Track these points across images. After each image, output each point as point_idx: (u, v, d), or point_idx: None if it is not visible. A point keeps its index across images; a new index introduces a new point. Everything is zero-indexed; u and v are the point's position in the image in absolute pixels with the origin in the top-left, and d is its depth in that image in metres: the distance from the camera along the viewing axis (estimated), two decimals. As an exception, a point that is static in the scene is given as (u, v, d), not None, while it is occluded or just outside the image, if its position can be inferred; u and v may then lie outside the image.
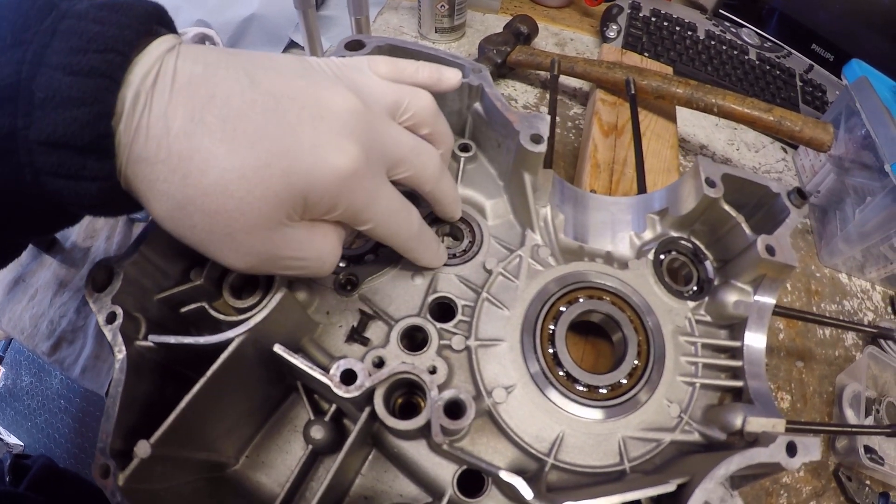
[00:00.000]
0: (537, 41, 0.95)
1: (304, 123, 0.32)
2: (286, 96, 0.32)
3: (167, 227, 0.32)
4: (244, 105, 0.31)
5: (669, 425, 0.47)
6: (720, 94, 0.73)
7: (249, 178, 0.30)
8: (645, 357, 0.49)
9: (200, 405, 0.36)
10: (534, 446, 0.44)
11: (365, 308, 0.48)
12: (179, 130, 0.29)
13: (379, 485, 0.45)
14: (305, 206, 0.33)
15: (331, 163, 0.32)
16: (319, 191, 0.33)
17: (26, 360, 1.58)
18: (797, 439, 0.41)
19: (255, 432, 0.46)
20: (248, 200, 0.30)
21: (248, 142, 0.30)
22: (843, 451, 0.71)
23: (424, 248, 0.46)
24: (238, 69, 0.32)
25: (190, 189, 0.29)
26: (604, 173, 0.68)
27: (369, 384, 0.38)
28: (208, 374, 0.36)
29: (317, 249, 0.36)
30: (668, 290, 0.53)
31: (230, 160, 0.30)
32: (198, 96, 0.30)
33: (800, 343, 0.76)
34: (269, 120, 0.31)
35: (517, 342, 0.48)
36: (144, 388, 0.38)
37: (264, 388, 0.45)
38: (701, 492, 0.38)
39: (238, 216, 0.30)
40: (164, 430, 0.34)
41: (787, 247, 0.50)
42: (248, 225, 0.31)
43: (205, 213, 0.30)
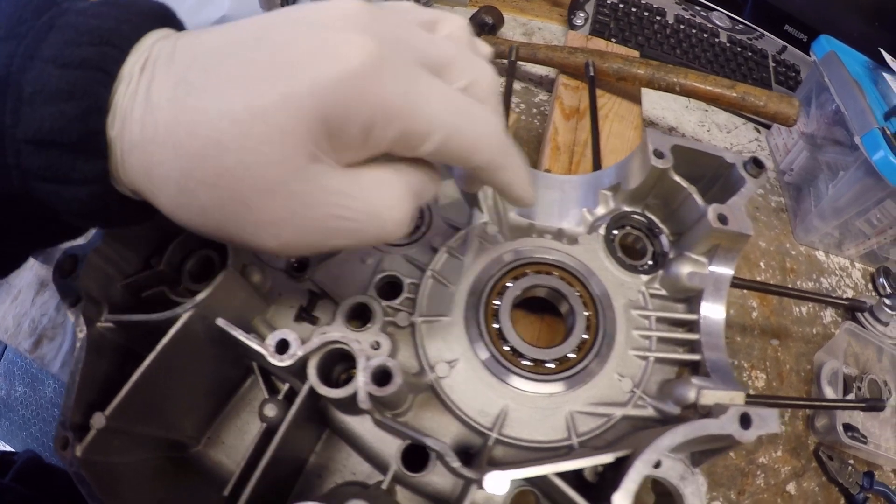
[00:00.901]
0: (505, 31, 0.95)
1: (299, 37, 0.25)
2: (275, 22, 0.26)
3: (180, 220, 0.27)
4: (227, 47, 0.25)
5: (621, 400, 0.46)
6: (682, 72, 0.73)
7: (242, 120, 0.24)
8: (594, 331, 0.48)
9: (153, 380, 0.37)
10: (477, 420, 0.43)
11: (314, 288, 0.49)
12: (163, 101, 0.25)
13: (333, 463, 0.46)
14: (329, 134, 0.25)
15: (337, 57, 0.24)
16: (334, 103, 0.24)
17: (20, 371, 1.58)
18: (753, 410, 0.40)
19: (215, 414, 0.47)
20: (248, 147, 0.24)
21: (234, 80, 0.24)
22: (823, 430, 0.70)
23: (519, 164, 0.33)
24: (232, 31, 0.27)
25: (183, 160, 0.24)
26: (563, 155, 0.68)
27: (302, 353, 0.38)
28: (157, 347, 0.37)
29: (366, 201, 0.27)
30: (620, 265, 0.52)
31: (217, 107, 0.24)
32: (181, 64, 0.25)
33: (775, 321, 0.74)
34: (257, 50, 0.25)
35: (461, 317, 0.47)
36: (105, 367, 0.39)
37: (221, 369, 0.46)
38: (642, 464, 0.37)
39: (243, 171, 0.24)
40: (117, 403, 0.35)
41: (740, 215, 0.49)
42: (259, 181, 0.25)
43: (207, 184, 0.25)
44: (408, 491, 0.43)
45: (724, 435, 0.39)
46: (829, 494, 0.68)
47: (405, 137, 0.27)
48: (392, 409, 0.43)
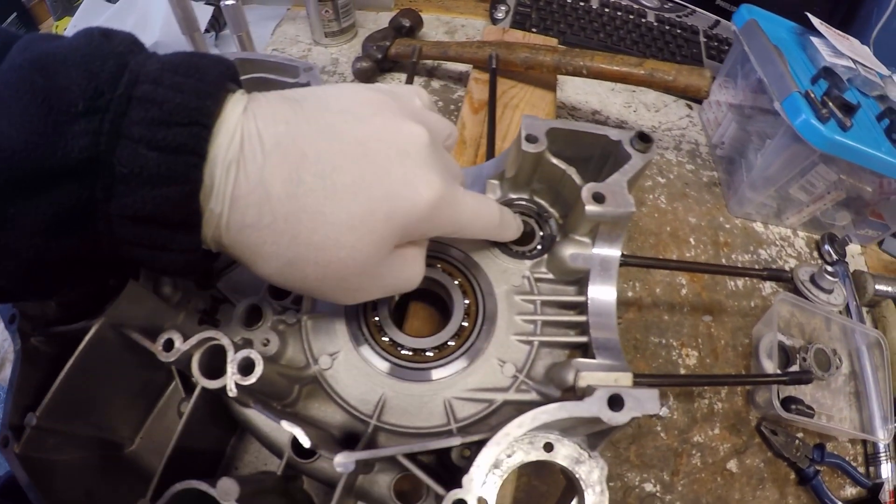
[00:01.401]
0: (427, 32, 0.95)
1: (393, 162, 0.33)
2: (370, 139, 0.33)
3: (275, 281, 0.34)
4: (336, 157, 0.31)
5: (503, 385, 0.46)
6: (588, 55, 0.72)
7: (357, 228, 0.32)
8: (473, 318, 0.48)
9: (76, 384, 0.41)
10: (358, 409, 0.45)
11: (217, 294, 0.51)
12: (281, 193, 0.29)
13: (246, 455, 0.52)
14: (405, 237, 0.35)
15: (423, 196, 0.34)
16: (416, 223, 0.34)
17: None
18: (627, 391, 0.38)
19: (146, 415, 0.51)
20: (359, 248, 0.32)
21: (349, 194, 0.31)
22: (765, 405, 0.68)
23: (507, 227, 0.47)
24: (319, 121, 0.32)
25: (301, 248, 0.31)
26: (469, 149, 0.67)
27: (184, 348, 0.40)
28: (74, 354, 0.41)
29: (409, 272, 0.39)
30: (504, 252, 0.51)
31: (337, 215, 0.31)
32: (291, 157, 0.30)
33: (707, 297, 0.73)
34: (362, 168, 0.32)
35: (342, 312, 0.48)
36: (40, 375, 0.43)
37: (142, 372, 0.49)
38: (492, 446, 0.36)
39: (350, 262, 0.33)
40: (45, 404, 0.40)
41: (621, 193, 0.48)
42: (358, 268, 0.33)
43: (317, 265, 0.32)
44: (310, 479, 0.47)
45: (590, 418, 0.38)
46: (777, 469, 0.66)
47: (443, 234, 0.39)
48: (280, 400, 0.45)
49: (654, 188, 0.82)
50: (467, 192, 0.40)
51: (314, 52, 0.97)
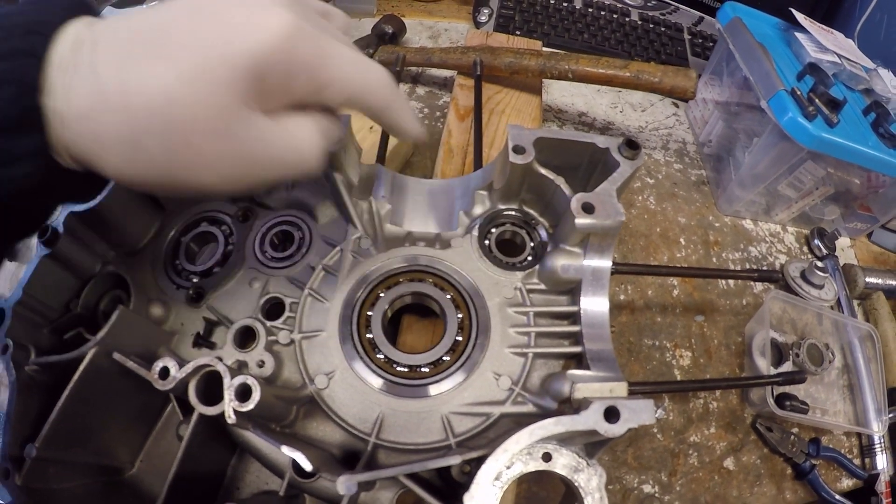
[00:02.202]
0: (410, 37, 0.95)
1: (232, 5, 0.31)
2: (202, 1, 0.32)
3: (128, 177, 0.31)
4: (167, 23, 0.30)
5: (499, 398, 0.46)
6: (573, 58, 0.72)
7: (191, 77, 0.29)
8: (467, 332, 0.48)
9: (74, 412, 0.41)
10: (357, 427, 0.45)
11: (210, 316, 0.51)
12: (111, 74, 0.28)
13: (247, 475, 0.50)
14: (259, 86, 0.31)
15: (266, 27, 0.30)
16: (264, 60, 0.30)
17: None
18: (623, 402, 0.39)
19: (144, 439, 0.50)
20: (197, 98, 0.29)
21: (179, 46, 0.29)
22: (759, 402, 0.68)
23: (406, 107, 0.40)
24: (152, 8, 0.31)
25: (137, 118, 0.29)
26: (457, 157, 0.67)
27: (180, 376, 0.40)
28: (70, 383, 0.41)
29: (291, 141, 0.34)
30: (494, 263, 0.51)
31: (168, 70, 0.28)
32: (121, 38, 0.29)
33: (698, 297, 0.73)
34: (194, 20, 0.30)
35: (335, 331, 0.48)
36: (37, 404, 0.43)
37: (139, 397, 0.48)
38: (492, 463, 0.36)
39: (192, 120, 0.29)
40: (44, 434, 0.39)
41: (610, 202, 0.48)
42: (205, 126, 0.30)
43: (158, 134, 0.29)
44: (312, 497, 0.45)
45: (587, 431, 0.38)
46: (774, 465, 0.67)
47: (315, 85, 0.33)
48: (278, 422, 0.45)
49: (643, 189, 0.82)
50: (349, 43, 0.35)
51: (299, 61, 0.96)
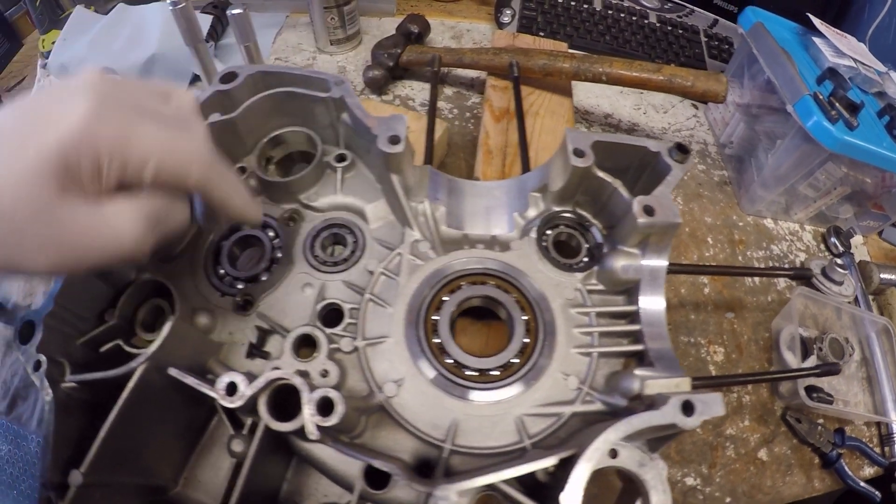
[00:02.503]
0: (433, 37, 0.95)
1: (51, 103, 0.34)
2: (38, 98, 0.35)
3: None
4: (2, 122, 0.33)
5: (569, 398, 0.47)
6: (607, 61, 0.73)
7: (12, 169, 0.31)
8: (534, 334, 0.49)
9: (121, 432, 0.39)
10: (430, 434, 0.45)
11: (262, 324, 0.50)
12: None
13: (305, 488, 0.48)
14: (70, 173, 0.32)
15: (68, 115, 0.32)
16: (69, 148, 0.32)
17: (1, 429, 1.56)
18: (696, 396, 0.40)
19: (188, 454, 0.48)
20: (18, 187, 0.31)
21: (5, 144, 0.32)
22: (788, 395, 0.71)
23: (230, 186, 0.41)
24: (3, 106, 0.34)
25: None
26: (496, 158, 0.68)
27: (250, 392, 0.39)
28: (119, 403, 0.39)
29: (107, 224, 0.34)
30: (553, 265, 0.52)
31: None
32: None
33: (728, 294, 0.75)
34: (20, 119, 0.33)
35: (402, 336, 0.48)
36: (75, 424, 0.41)
37: (186, 410, 0.47)
38: (585, 462, 0.37)
39: (14, 209, 0.31)
40: (91, 458, 0.36)
41: (667, 205, 0.49)
42: (26, 214, 0.31)
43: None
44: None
45: (667, 424, 0.39)
46: (803, 456, 0.69)
47: (128, 166, 0.34)
48: (347, 433, 0.44)
49: (670, 189, 0.84)
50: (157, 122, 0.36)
51: (319, 60, 0.95)
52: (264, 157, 0.58)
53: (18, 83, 1.08)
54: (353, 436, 0.45)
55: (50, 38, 1.10)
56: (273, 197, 0.57)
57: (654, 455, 0.41)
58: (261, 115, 0.56)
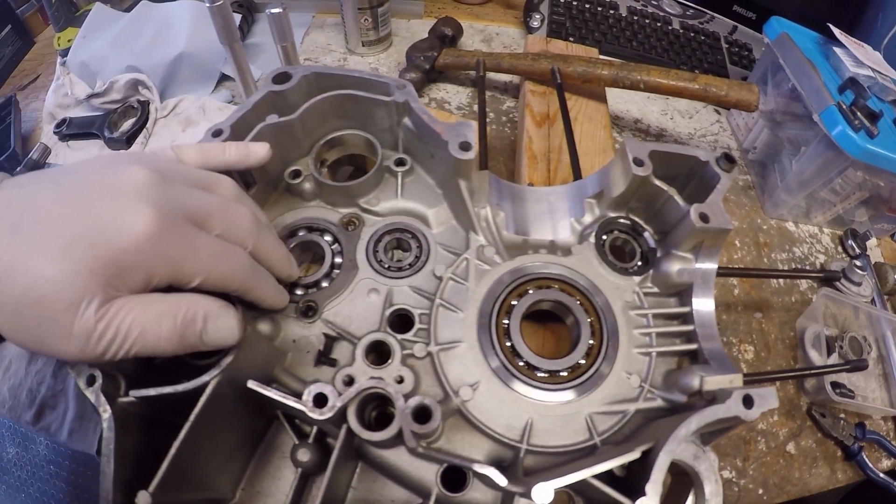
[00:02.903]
0: (463, 40, 0.97)
1: (104, 201, 0.35)
2: (86, 185, 0.36)
3: (13, 339, 0.35)
4: (51, 205, 0.34)
5: (632, 396, 0.49)
6: (644, 70, 0.75)
7: (59, 260, 0.32)
8: (599, 335, 0.51)
9: (189, 448, 0.38)
10: (506, 436, 0.46)
11: (328, 331, 0.50)
12: (4, 246, 0.32)
13: (370, 494, 0.47)
14: (120, 274, 0.34)
15: (132, 227, 0.34)
16: (127, 255, 0.34)
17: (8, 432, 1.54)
18: (753, 391, 0.43)
19: (246, 465, 0.47)
20: (61, 279, 0.32)
21: (56, 232, 0.33)
22: (813, 391, 0.74)
23: (264, 285, 0.46)
24: (46, 181, 0.36)
25: (17, 289, 0.32)
26: (541, 163, 0.70)
27: (340, 404, 0.39)
28: (191, 418, 0.38)
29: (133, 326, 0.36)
30: (612, 269, 0.55)
31: (43, 252, 0.32)
32: (14, 213, 0.33)
33: (755, 295, 0.79)
34: (72, 209, 0.34)
35: (475, 341, 0.49)
36: (133, 440, 0.40)
37: (248, 422, 0.46)
38: (666, 454, 0.40)
39: (55, 297, 0.32)
40: (160, 478, 0.35)
41: (720, 212, 0.52)
42: (67, 302, 0.33)
43: (31, 306, 0.32)
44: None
45: (731, 417, 0.42)
46: (826, 448, 0.73)
47: (178, 277, 0.37)
48: (426, 439, 0.45)
49: (696, 192, 0.87)
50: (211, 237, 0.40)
51: (350, 61, 0.96)
52: (319, 160, 0.59)
53: (32, 81, 1.07)
54: (431, 441, 0.45)
55: (66, 36, 1.08)
56: (330, 201, 0.58)
57: (707, 448, 0.44)
58: (319, 118, 0.57)
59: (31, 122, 0.95)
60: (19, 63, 1.11)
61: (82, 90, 0.94)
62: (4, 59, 1.07)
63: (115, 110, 0.92)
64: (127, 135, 0.89)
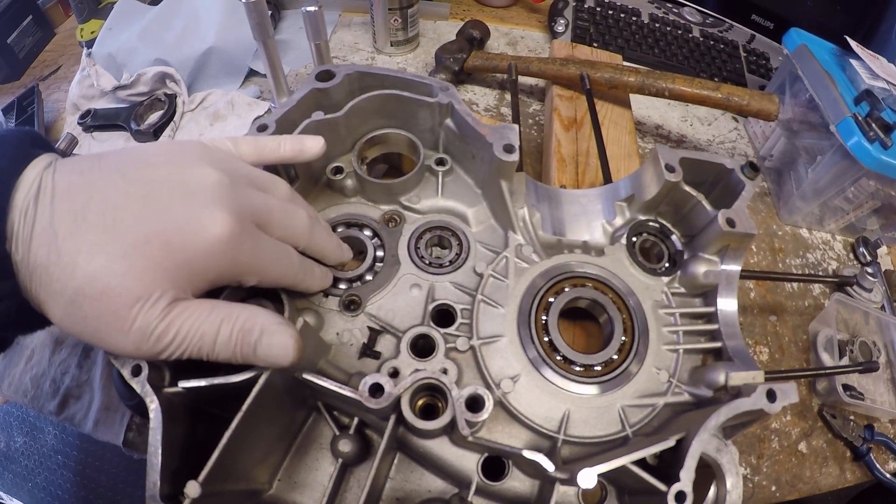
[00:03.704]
0: (490, 44, 0.99)
1: (176, 201, 0.35)
2: (156, 181, 0.35)
3: (65, 327, 0.34)
4: (119, 197, 0.34)
5: (661, 390, 0.52)
6: (669, 78, 0.78)
7: (130, 255, 0.32)
8: (631, 333, 0.53)
9: (237, 440, 0.38)
10: (544, 426, 0.48)
11: (372, 324, 0.52)
12: (66, 232, 0.32)
13: (408, 485, 0.49)
14: (191, 277, 0.35)
15: (209, 231, 0.35)
16: (202, 259, 0.35)
17: (17, 421, 1.56)
18: (775, 386, 0.45)
19: (284, 456, 0.48)
20: (131, 274, 0.32)
21: (126, 226, 0.33)
22: (825, 392, 0.77)
23: (311, 278, 0.48)
24: (110, 169, 0.35)
25: (78, 279, 0.32)
26: (570, 167, 0.72)
27: (396, 393, 0.41)
28: (243, 410, 0.38)
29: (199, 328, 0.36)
30: (643, 270, 0.57)
31: (112, 245, 0.32)
32: (78, 200, 0.33)
33: (770, 299, 0.81)
34: (143, 205, 0.34)
35: (515, 335, 0.52)
36: (179, 431, 0.40)
37: (290, 414, 0.48)
38: (698, 443, 0.42)
39: (122, 290, 0.32)
40: (210, 469, 0.36)
41: (745, 217, 0.54)
42: (134, 298, 0.32)
43: (92, 297, 0.32)
44: (484, 499, 0.47)
45: (756, 410, 0.44)
46: (836, 449, 0.75)
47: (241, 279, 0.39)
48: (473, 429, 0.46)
49: (713, 197, 0.90)
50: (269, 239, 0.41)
51: (378, 60, 0.98)
52: (360, 157, 0.61)
53: (53, 72, 1.08)
54: (474, 430, 0.46)
55: (89, 28, 1.10)
56: (371, 198, 0.60)
57: (728, 442, 0.47)
58: (362, 116, 0.59)
59: (52, 113, 0.96)
60: (39, 54, 1.13)
61: (108, 82, 0.95)
62: (25, 49, 1.09)
63: (142, 103, 0.93)
64: (154, 127, 0.90)
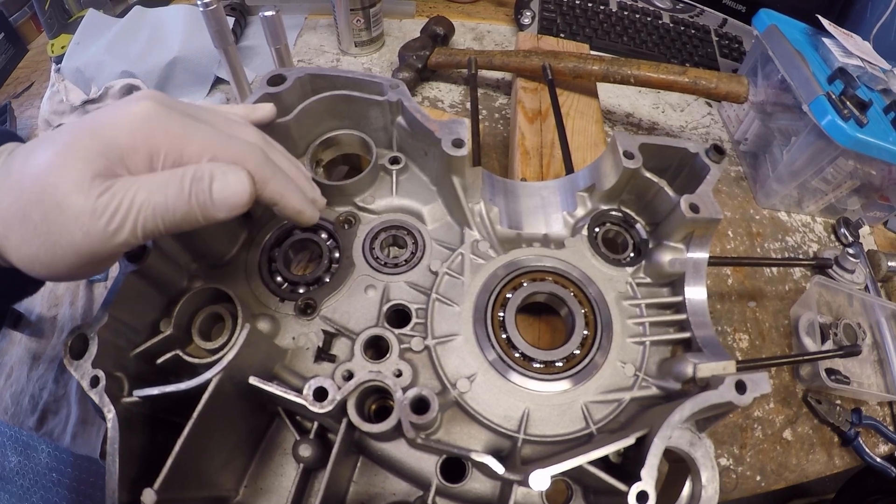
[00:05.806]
0: (455, 38, 0.97)
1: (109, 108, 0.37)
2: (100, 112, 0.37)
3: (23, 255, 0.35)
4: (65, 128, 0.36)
5: (627, 384, 0.50)
6: (634, 64, 0.76)
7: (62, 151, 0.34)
8: (593, 326, 0.52)
9: (192, 446, 0.38)
10: (503, 426, 0.47)
11: (327, 328, 0.51)
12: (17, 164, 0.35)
13: (372, 488, 0.48)
14: (121, 155, 0.35)
15: (129, 109, 0.36)
16: (125, 133, 0.35)
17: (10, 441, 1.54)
18: (745, 376, 0.44)
19: (248, 462, 0.48)
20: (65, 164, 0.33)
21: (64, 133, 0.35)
22: (808, 378, 0.75)
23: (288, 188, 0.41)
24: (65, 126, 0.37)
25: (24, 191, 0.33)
26: (534, 159, 0.71)
27: (340, 397, 0.40)
28: (194, 416, 0.38)
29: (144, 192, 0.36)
30: (605, 261, 0.55)
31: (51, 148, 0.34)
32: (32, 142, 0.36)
33: (749, 284, 0.79)
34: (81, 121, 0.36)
35: (471, 334, 0.50)
36: (138, 440, 0.40)
37: (249, 420, 0.47)
38: (660, 439, 0.40)
39: (57, 180, 0.33)
40: (164, 476, 0.36)
41: (710, 202, 0.52)
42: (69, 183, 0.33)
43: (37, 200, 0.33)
44: (447, 500, 0.46)
45: (724, 402, 0.43)
46: (823, 434, 0.74)
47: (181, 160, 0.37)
48: (425, 430, 0.46)
49: (688, 184, 0.88)
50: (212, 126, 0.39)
51: (343, 61, 0.97)
52: (315, 160, 0.60)
53: (26, 89, 1.07)
54: (430, 433, 0.46)
55: (59, 43, 1.08)
56: (327, 200, 0.58)
57: (702, 435, 0.45)
58: (313, 118, 0.58)
59: (26, 130, 0.95)
60: (13, 71, 1.12)
61: (77, 96, 0.95)
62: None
63: (111, 116, 0.93)
64: (123, 140, 0.90)
